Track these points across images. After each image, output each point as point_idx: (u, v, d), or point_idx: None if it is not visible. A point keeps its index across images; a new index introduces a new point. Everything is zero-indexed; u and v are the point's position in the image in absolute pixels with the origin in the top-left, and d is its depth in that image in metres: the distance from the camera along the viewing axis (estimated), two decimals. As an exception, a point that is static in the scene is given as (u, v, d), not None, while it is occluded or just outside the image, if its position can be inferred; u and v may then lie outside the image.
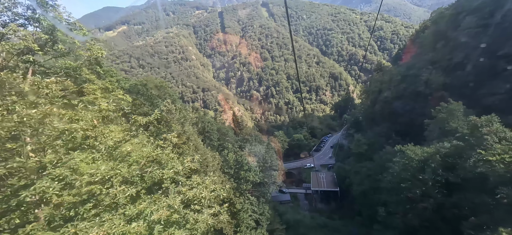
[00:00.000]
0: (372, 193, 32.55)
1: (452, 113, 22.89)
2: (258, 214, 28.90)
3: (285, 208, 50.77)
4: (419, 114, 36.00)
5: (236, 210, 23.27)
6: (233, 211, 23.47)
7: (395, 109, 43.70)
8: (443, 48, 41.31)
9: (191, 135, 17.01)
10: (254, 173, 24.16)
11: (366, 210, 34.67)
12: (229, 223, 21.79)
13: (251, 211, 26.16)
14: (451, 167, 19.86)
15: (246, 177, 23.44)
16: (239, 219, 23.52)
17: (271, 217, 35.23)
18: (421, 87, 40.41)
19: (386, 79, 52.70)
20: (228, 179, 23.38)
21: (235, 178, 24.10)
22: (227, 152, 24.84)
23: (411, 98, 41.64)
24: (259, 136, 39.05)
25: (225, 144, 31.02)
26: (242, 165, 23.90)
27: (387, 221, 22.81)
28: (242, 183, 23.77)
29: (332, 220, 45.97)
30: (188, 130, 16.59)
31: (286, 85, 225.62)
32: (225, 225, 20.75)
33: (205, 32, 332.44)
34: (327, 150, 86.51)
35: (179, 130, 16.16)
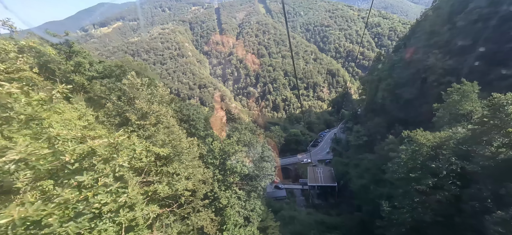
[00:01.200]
0: (373, 186, 30.00)
1: (465, 95, 20.27)
2: (248, 210, 26.02)
3: (280, 204, 48.16)
4: (423, 102, 33.54)
5: (221, 205, 20.37)
6: (218, 207, 20.54)
7: (398, 97, 41.14)
8: (449, 32, 38.76)
9: (162, 115, 13.99)
10: (241, 163, 21.23)
11: (366, 205, 32.12)
12: (212, 221, 18.88)
13: (239, 207, 23.24)
14: (466, 154, 17.29)
15: (232, 168, 20.52)
16: (225, 216, 20.61)
17: (263, 213, 32.40)
18: (426, 73, 37.87)
19: (387, 67, 50.13)
20: (213, 170, 20.45)
21: (221, 170, 21.18)
22: (211, 140, 21.82)
23: (415, 85, 39.11)
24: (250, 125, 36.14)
25: (212, 133, 28.16)
26: (228, 155, 20.99)
27: (391, 216, 20.23)
28: (228, 175, 20.88)
29: (329, 216, 43.47)
30: (158, 109, 13.57)
31: (284, 82, 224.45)
32: (207, 223, 17.82)
33: (202, 29, 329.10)
34: (325, 145, 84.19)
35: (144, 107, 13.13)
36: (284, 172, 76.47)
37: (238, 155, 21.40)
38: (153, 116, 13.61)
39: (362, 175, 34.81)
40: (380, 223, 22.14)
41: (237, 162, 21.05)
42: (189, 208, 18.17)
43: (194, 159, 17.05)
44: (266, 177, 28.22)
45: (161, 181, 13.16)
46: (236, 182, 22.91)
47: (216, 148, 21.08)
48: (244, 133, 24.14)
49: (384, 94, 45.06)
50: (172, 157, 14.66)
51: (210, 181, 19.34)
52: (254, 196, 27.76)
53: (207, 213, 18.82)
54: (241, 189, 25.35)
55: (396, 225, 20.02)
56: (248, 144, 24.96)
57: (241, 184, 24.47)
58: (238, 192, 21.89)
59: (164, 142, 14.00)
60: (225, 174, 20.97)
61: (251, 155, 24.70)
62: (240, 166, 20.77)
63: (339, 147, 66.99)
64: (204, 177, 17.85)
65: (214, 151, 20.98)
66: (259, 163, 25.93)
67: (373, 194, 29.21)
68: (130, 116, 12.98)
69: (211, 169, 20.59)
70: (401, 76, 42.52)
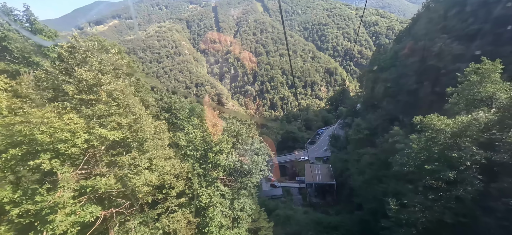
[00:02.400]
0: (376, 182, 27.18)
1: (486, 76, 17.45)
2: (237, 209, 22.95)
3: (275, 203, 45.25)
4: (430, 91, 30.84)
5: (202, 205, 17.29)
6: (198, 207, 17.44)
7: (401, 88, 38.37)
8: (457, 15, 36.00)
9: (117, 90, 10.83)
10: (226, 156, 18.13)
11: (368, 204, 29.27)
12: (188, 223, 15.78)
13: (224, 206, 20.16)
14: (490, 143, 14.53)
15: (215, 160, 17.42)
16: (207, 217, 17.53)
17: (255, 213, 29.36)
18: (433, 60, 35.08)
19: (389, 56, 47.36)
20: (192, 163, 17.32)
21: (202, 163, 18.08)
22: (192, 129, 18.66)
23: (420, 74, 36.37)
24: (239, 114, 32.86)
25: (195, 123, 25.06)
26: (210, 146, 17.86)
27: (400, 216, 17.36)
28: (210, 169, 17.79)
29: (328, 216, 40.60)
30: (109, 81, 10.43)
31: (281, 80, 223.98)
32: (182, 225, 14.70)
33: (199, 27, 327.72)
34: (323, 142, 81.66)
35: (88, 78, 9.94)
36: (281, 170, 73.84)
37: (223, 146, 18.29)
38: (103, 91, 10.48)
39: (363, 171, 31.97)
40: (386, 224, 19.27)
41: (221, 153, 17.94)
42: (161, 208, 15.08)
43: (162, 148, 13.92)
44: (258, 172, 25.19)
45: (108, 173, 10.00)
46: (221, 178, 19.83)
47: (197, 137, 17.94)
48: (231, 122, 21.04)
49: (385, 86, 42.25)
50: (130, 144, 11.52)
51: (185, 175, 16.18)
52: (244, 194, 24.70)
53: (184, 213, 15.75)
54: (229, 186, 22.28)
55: (406, 225, 17.17)
56: (236, 135, 21.85)
57: (228, 180, 21.40)
58: (223, 188, 18.78)
59: (120, 124, 10.89)
60: (207, 168, 17.87)
61: (239, 147, 21.59)
62: (224, 159, 17.66)
63: (338, 144, 64.27)
64: (177, 170, 14.74)
65: (194, 140, 17.84)
66: (249, 156, 22.87)
67: (376, 191, 26.37)
68: (67, 88, 9.83)
69: (191, 161, 17.48)
70: (405, 65, 39.65)
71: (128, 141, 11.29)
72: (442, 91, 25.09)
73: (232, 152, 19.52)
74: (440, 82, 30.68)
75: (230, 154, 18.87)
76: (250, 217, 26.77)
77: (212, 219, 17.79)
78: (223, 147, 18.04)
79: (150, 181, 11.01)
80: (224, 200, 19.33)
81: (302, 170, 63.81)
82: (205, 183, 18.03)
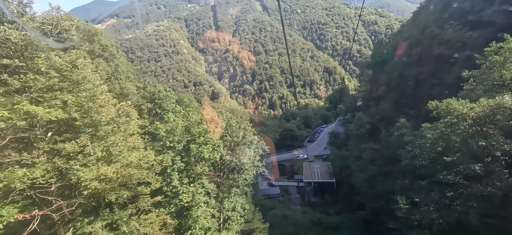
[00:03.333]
0: (380, 179, 24.92)
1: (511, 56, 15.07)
2: (226, 209, 20.55)
3: (272, 202, 42.87)
4: (437, 82, 28.61)
5: (183, 204, 14.89)
6: (179, 206, 15.04)
7: (406, 79, 36.02)
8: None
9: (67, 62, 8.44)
10: (212, 146, 15.69)
11: (371, 203, 26.96)
12: (164, 227, 13.37)
13: (211, 206, 17.75)
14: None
15: (199, 153, 15.01)
16: (190, 218, 15.15)
17: (249, 213, 26.96)
18: (441, 49, 32.77)
19: (393, 46, 44.96)
20: (172, 156, 14.91)
21: (184, 156, 15.66)
22: (173, 117, 16.17)
23: (427, 64, 34.07)
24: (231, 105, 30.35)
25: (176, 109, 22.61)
26: (194, 136, 15.43)
27: (411, 216, 15.04)
28: (193, 163, 15.38)
29: (327, 216, 38.25)
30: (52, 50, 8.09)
31: (280, 79, 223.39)
32: (155, 229, 12.27)
33: (198, 26, 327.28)
34: (322, 140, 79.50)
35: (14, 37, 7.51)
36: (279, 168, 71.61)
37: (209, 137, 15.90)
38: (42, 60, 8.09)
39: (365, 168, 29.67)
40: (394, 225, 16.97)
41: (206, 145, 15.53)
42: (133, 208, 12.67)
43: (128, 135, 11.47)
44: (251, 168, 22.77)
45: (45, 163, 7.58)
46: (208, 174, 17.44)
47: (178, 126, 15.51)
48: (220, 112, 18.65)
49: (389, 77, 39.90)
50: (80, 127, 9.10)
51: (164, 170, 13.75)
52: (235, 193, 22.31)
53: (160, 214, 13.36)
54: (218, 183, 19.86)
55: (418, 227, 14.87)
56: (226, 126, 19.46)
57: (216, 176, 19.03)
58: (208, 186, 16.35)
59: (66, 103, 8.48)
60: (190, 162, 15.44)
61: (229, 139, 19.21)
62: (209, 151, 15.25)
63: (337, 141, 62.02)
64: (150, 163, 12.32)
65: (174, 130, 15.40)
66: (240, 150, 20.48)
67: (380, 189, 24.12)
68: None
69: (170, 154, 15.06)
70: (410, 54, 37.27)
71: (77, 124, 8.86)
72: (452, 81, 22.94)
73: (220, 144, 17.11)
74: (449, 71, 28.48)
75: (218, 147, 16.46)
76: (243, 218, 24.35)
77: (196, 220, 15.38)
78: (208, 138, 15.61)
79: (104, 174, 8.61)
80: (210, 199, 16.93)
81: (300, 169, 61.54)
82: (187, 179, 15.61)
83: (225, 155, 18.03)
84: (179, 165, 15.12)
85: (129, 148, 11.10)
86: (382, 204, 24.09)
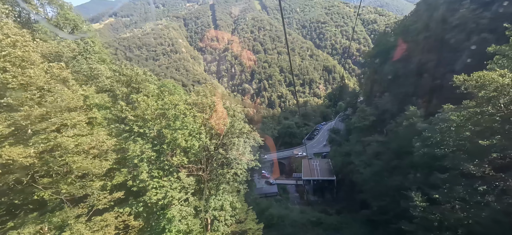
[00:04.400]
0: (387, 175, 22.45)
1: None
2: (213, 208, 17.91)
3: (269, 202, 40.26)
4: (448, 69, 26.13)
5: (158, 202, 12.16)
6: (150, 205, 12.33)
7: (413, 67, 33.33)
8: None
9: None
10: (189, 131, 12.96)
11: (376, 201, 24.44)
12: (125, 230, 10.75)
13: (192, 205, 15.09)
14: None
15: (174, 140, 12.23)
16: (164, 220, 12.48)
17: (240, 212, 24.28)
18: (452, 32, 30.19)
19: (398, 32, 42.31)
20: (141, 145, 12.17)
21: (157, 144, 12.88)
22: (143, 98, 13.29)
23: (436, 49, 31.45)
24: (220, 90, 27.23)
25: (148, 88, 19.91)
26: (169, 120, 12.65)
27: (429, 216, 12.47)
28: (167, 153, 12.65)
29: (327, 215, 35.67)
30: None
31: (279, 78, 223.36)
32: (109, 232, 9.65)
33: (196, 25, 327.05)
34: (321, 138, 77.12)
35: None
36: (278, 166, 69.06)
37: (187, 121, 13.22)
38: None
39: (370, 162, 27.16)
40: (408, 227, 14.40)
41: (182, 130, 12.85)
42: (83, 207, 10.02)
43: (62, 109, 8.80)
44: (242, 162, 20.11)
45: None
46: (187, 166, 14.75)
47: (149, 108, 12.76)
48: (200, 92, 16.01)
49: (394, 66, 37.31)
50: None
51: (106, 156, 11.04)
52: (224, 189, 19.65)
53: (122, 215, 10.72)
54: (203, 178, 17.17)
55: (438, 229, 12.29)
56: (209, 109, 16.75)
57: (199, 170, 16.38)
58: (185, 180, 13.66)
59: None
60: (162, 151, 12.74)
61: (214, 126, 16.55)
62: (185, 137, 12.56)
63: (338, 138, 59.57)
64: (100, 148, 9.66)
65: (144, 113, 12.66)
66: (228, 138, 17.84)
67: (388, 185, 21.63)
68: None
69: (139, 142, 12.35)
70: (417, 40, 34.60)
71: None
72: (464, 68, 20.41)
73: (201, 131, 14.41)
74: (461, 58, 26.01)
75: (197, 134, 13.78)
76: (234, 218, 21.66)
77: (170, 221, 12.67)
78: (186, 122, 12.92)
79: (9, 157, 6.04)
80: (191, 196, 14.27)
81: (299, 166, 59.04)
82: (160, 172, 12.89)
83: (209, 144, 15.35)
84: (149, 155, 12.39)
85: (62, 125, 8.45)
86: (389, 202, 21.62)
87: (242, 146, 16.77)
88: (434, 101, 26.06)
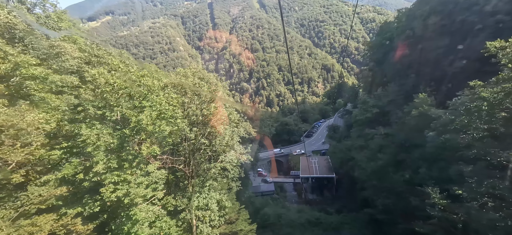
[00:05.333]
0: (393, 170, 20.17)
1: None
2: (195, 208, 15.54)
3: (264, 200, 37.86)
4: (462, 55, 23.85)
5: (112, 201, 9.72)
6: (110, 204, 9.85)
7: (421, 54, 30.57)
8: None
9: None
10: (157, 113, 10.46)
11: (381, 198, 22.10)
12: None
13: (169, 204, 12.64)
14: None
15: (138, 123, 9.70)
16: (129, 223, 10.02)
17: (230, 212, 21.87)
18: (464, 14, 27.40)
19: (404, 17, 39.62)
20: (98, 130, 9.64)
21: (118, 130, 10.31)
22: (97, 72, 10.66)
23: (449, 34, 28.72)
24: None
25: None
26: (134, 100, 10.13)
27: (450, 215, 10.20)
28: (131, 139, 10.16)
29: (327, 214, 33.35)
30: None
31: (278, 77, 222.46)
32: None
33: (194, 23, 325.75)
34: (320, 135, 75.07)
35: None
36: (275, 164, 66.85)
37: (156, 101, 10.75)
38: None
39: (374, 157, 24.84)
40: (424, 228, 12.09)
41: (151, 109, 10.39)
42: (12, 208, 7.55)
43: None
44: (231, 154, 17.74)
45: None
46: (161, 157, 12.31)
47: (108, 83, 10.19)
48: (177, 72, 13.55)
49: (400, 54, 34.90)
50: None
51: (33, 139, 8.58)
52: (211, 186, 17.26)
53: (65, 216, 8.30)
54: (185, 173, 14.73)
55: (464, 231, 10.04)
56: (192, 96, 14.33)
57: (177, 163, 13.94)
58: (155, 174, 11.15)
59: None
60: (125, 137, 10.25)
61: (194, 110, 14.11)
62: (153, 119, 10.08)
63: (337, 134, 57.37)
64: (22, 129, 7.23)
65: (103, 91, 10.14)
66: (213, 128, 15.42)
67: (394, 181, 19.37)
68: None
69: (96, 126, 9.89)
70: (426, 25, 31.88)
71: None
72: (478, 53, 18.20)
73: (177, 115, 11.91)
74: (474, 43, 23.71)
75: (171, 118, 11.29)
76: (223, 218, 19.22)
77: (135, 224, 10.12)
78: (154, 102, 10.42)
79: None
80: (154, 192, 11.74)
81: (297, 164, 56.78)
82: (122, 163, 10.37)
83: (188, 132, 12.88)
84: (107, 141, 9.87)
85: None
86: (395, 200, 19.35)
87: (229, 135, 14.36)
88: (444, 89, 23.89)
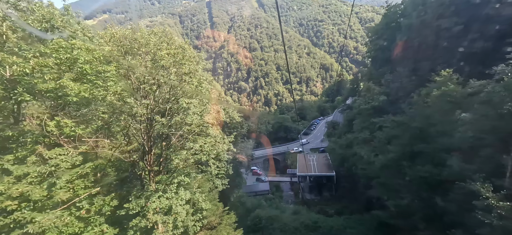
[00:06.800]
0: (407, 165, 16.59)
1: None
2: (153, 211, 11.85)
3: (257, 201, 34.08)
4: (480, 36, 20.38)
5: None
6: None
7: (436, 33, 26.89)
8: None
9: None
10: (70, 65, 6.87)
11: (392, 198, 18.41)
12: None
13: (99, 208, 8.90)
14: None
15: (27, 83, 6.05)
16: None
17: (211, 216, 18.14)
18: None
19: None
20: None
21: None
22: None
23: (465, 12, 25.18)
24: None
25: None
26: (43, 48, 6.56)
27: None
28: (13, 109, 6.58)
29: (326, 217, 29.67)
30: None
31: (276, 76, 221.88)
32: None
33: (192, 22, 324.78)
34: (318, 133, 71.92)
35: None
36: (271, 162, 63.61)
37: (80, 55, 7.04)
38: None
39: (383, 149, 21.17)
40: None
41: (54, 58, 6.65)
42: None
43: None
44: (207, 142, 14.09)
45: None
46: (84, 139, 8.58)
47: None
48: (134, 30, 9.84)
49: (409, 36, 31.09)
50: None
51: None
52: (180, 184, 13.49)
53: None
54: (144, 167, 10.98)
55: None
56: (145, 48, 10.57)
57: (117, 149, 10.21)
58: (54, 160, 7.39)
59: None
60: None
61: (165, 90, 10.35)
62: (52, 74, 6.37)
63: (337, 131, 54.05)
64: None
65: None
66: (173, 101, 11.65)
67: (410, 177, 15.78)
68: None
69: None
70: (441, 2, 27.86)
71: None
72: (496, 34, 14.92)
73: (109, 76, 8.17)
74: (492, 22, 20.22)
75: (96, 76, 7.56)
76: (200, 223, 15.53)
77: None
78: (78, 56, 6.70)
79: None
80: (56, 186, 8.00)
81: (294, 162, 53.29)
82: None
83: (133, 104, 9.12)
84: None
85: None
86: (412, 200, 15.79)
87: (193, 108, 10.61)
88: (467, 69, 20.51)
